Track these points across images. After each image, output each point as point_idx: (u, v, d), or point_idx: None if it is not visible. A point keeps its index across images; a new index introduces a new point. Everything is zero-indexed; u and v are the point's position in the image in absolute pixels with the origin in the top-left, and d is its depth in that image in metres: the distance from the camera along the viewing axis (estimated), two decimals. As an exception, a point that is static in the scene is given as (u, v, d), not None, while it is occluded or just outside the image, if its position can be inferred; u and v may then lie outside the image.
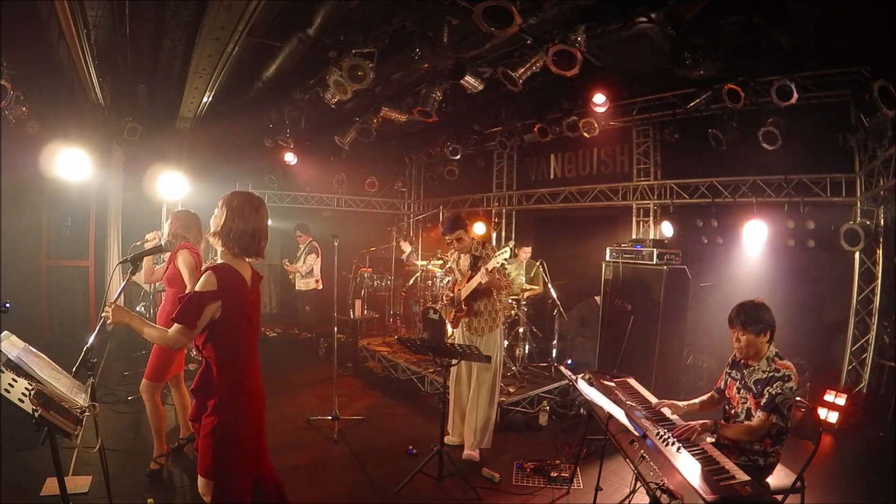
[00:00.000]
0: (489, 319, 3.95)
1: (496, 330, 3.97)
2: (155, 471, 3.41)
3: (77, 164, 5.18)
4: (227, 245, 2.14)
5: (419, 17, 4.19)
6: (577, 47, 3.89)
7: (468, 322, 4.03)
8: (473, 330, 4.00)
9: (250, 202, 2.18)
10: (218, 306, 2.04)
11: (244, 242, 2.15)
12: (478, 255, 3.94)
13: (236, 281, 2.12)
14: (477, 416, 3.93)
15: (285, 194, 9.33)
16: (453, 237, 3.95)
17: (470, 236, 4.04)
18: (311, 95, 5.51)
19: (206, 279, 2.04)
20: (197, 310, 2.00)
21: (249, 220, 2.15)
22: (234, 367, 2.12)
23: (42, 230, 6.76)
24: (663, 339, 4.74)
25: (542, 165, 8.11)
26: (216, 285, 2.03)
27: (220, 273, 2.07)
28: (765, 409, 2.44)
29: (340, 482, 3.58)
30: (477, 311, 3.96)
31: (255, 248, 2.20)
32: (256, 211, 2.18)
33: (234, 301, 2.09)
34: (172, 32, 4.57)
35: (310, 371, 6.21)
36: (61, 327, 6.69)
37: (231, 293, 2.08)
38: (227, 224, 2.12)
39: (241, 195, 2.20)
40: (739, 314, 2.59)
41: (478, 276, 3.77)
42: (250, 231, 2.15)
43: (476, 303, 3.96)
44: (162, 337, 2.09)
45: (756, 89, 4.91)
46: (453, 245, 4.02)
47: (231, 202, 2.16)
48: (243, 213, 2.14)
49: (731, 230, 5.66)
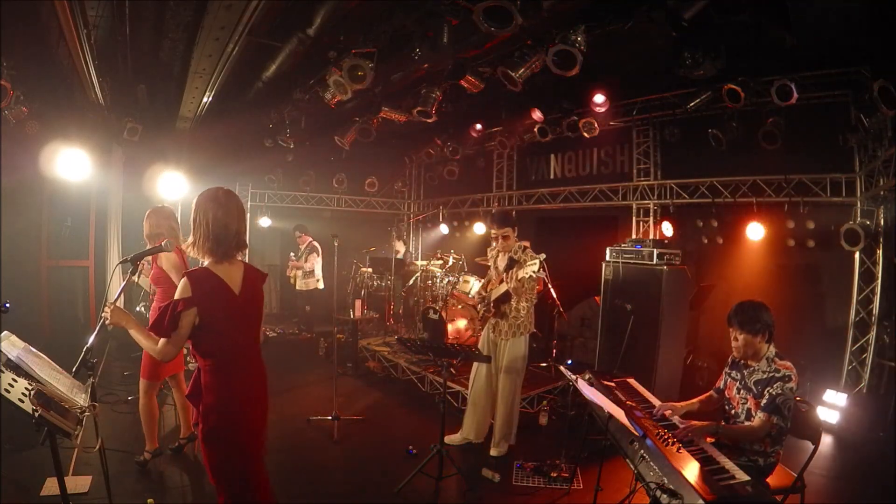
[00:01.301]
0: (514, 325, 3.90)
1: (521, 337, 3.91)
2: (141, 462, 3.46)
3: (77, 164, 5.18)
4: (202, 252, 2.06)
5: (419, 17, 4.19)
6: (577, 47, 3.89)
7: (494, 324, 4.00)
8: (498, 332, 3.97)
9: (216, 200, 2.07)
10: (194, 313, 1.97)
11: (216, 246, 2.05)
12: (516, 258, 3.85)
13: (213, 285, 2.04)
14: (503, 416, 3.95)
15: (285, 194, 9.33)
16: (501, 233, 3.90)
17: (515, 236, 3.99)
18: (311, 95, 5.51)
19: (181, 286, 1.98)
20: (171, 319, 1.94)
21: (218, 221, 2.04)
22: (222, 371, 2.06)
23: (42, 230, 6.76)
24: (663, 339, 4.74)
25: (542, 165, 8.11)
26: (190, 292, 1.97)
27: (193, 279, 2.00)
28: (766, 410, 2.44)
29: (340, 482, 3.58)
30: (503, 314, 3.93)
31: (229, 250, 2.09)
32: (224, 209, 2.06)
33: (213, 306, 2.02)
34: (172, 32, 4.57)
35: (310, 371, 6.21)
36: (61, 327, 6.69)
37: (207, 298, 2.00)
38: (198, 230, 2.04)
39: (206, 195, 2.09)
40: (737, 314, 2.59)
41: (506, 283, 3.74)
42: (219, 232, 2.04)
43: (503, 306, 3.91)
44: (151, 347, 2.04)
45: (756, 89, 4.91)
46: (498, 240, 3.96)
47: (198, 205, 2.06)
48: (210, 215, 2.03)
49: (731, 230, 5.66)
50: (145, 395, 3.43)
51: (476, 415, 4.12)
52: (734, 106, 4.93)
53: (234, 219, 2.09)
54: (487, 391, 4.07)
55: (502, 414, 3.95)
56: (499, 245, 4.00)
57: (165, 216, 3.55)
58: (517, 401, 4.03)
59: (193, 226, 2.06)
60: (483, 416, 4.10)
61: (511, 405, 3.95)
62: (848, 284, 4.89)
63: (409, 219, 10.73)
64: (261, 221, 8.86)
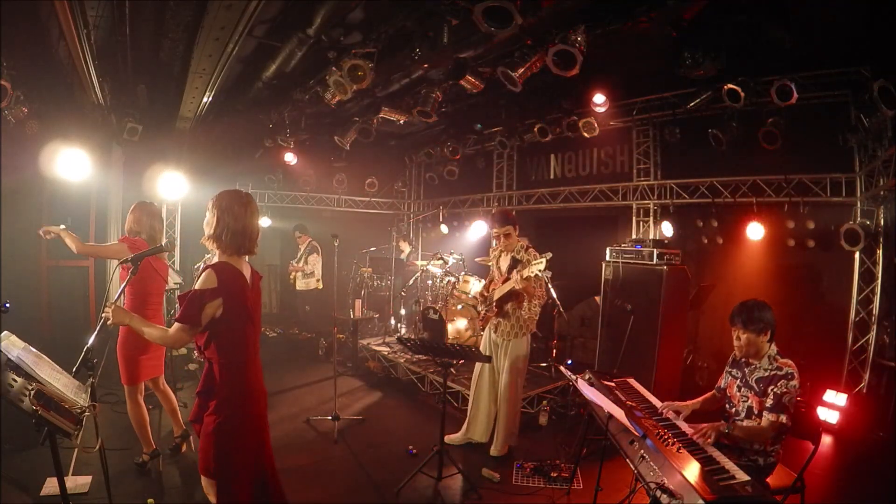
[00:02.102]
0: (516, 325, 3.88)
1: (523, 338, 3.90)
2: (140, 463, 3.47)
3: (77, 164, 5.16)
4: (221, 246, 2.15)
5: (419, 17, 4.19)
6: (577, 47, 3.88)
7: (496, 324, 3.98)
8: (500, 332, 3.94)
9: (239, 200, 2.19)
10: (219, 304, 2.04)
11: (238, 241, 2.16)
12: (518, 257, 3.84)
13: (236, 278, 2.13)
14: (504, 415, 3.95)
15: (285, 194, 9.33)
16: (502, 232, 3.90)
17: (517, 235, 3.98)
18: (311, 95, 5.50)
19: (206, 277, 2.05)
20: (199, 308, 2.01)
21: (240, 219, 2.16)
22: (237, 366, 2.12)
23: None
24: (663, 339, 4.74)
25: (542, 165, 8.11)
26: (216, 283, 2.04)
27: (219, 271, 2.07)
28: (773, 411, 2.45)
29: (340, 482, 3.58)
30: (505, 314, 3.91)
31: (247, 246, 2.20)
32: (246, 208, 2.19)
33: (235, 298, 2.09)
34: (172, 32, 4.57)
35: (310, 371, 6.21)
36: (61, 327, 6.69)
37: (231, 290, 2.08)
38: (220, 225, 2.14)
39: (229, 195, 2.21)
40: (740, 313, 2.61)
41: (512, 280, 3.69)
42: (241, 229, 2.16)
43: (506, 306, 3.90)
44: (162, 336, 2.10)
45: (756, 89, 4.90)
46: (499, 240, 3.96)
47: (220, 203, 2.16)
48: (234, 212, 2.15)
49: (731, 230, 5.66)
50: (130, 401, 3.43)
51: (480, 415, 4.12)
52: (734, 106, 4.93)
53: (256, 219, 2.24)
54: (490, 391, 4.06)
55: (505, 414, 3.94)
56: (500, 244, 4.00)
57: (149, 214, 3.55)
58: (519, 401, 4.03)
59: (216, 222, 2.14)
60: (487, 416, 4.10)
61: (514, 405, 3.95)
62: (848, 284, 4.89)
63: (409, 219, 10.73)
64: (261, 221, 8.84)
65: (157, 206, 3.70)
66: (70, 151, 5.16)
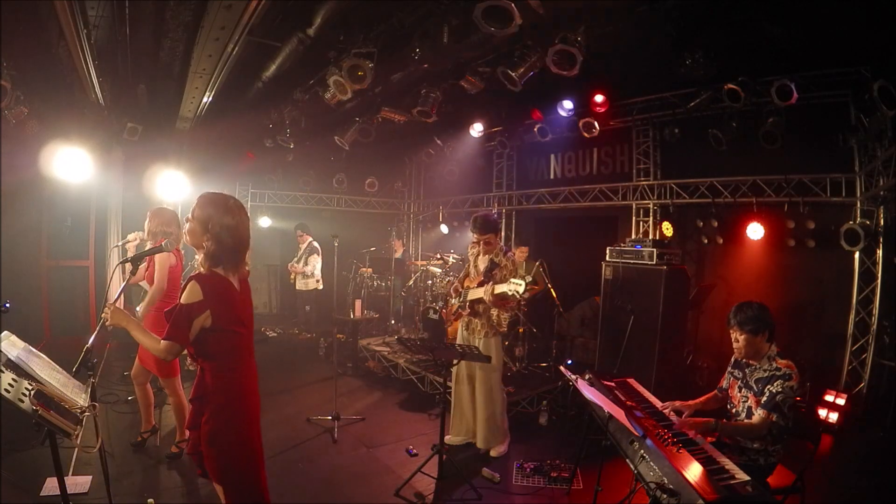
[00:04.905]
0: (486, 325, 3.92)
1: (493, 337, 3.93)
2: (139, 441, 3.67)
3: (77, 164, 5.17)
4: (218, 265, 2.06)
5: (419, 16, 4.19)
6: (577, 47, 3.89)
7: (467, 322, 4.02)
8: (471, 330, 4.00)
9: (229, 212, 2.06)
10: (207, 315, 1.99)
11: (236, 259, 2.10)
12: (497, 261, 3.81)
13: (222, 286, 2.06)
14: (482, 415, 3.94)
15: (285, 194, 9.33)
16: (483, 239, 3.88)
17: (498, 241, 3.97)
18: (311, 95, 5.50)
19: (190, 290, 1.98)
20: (186, 324, 1.96)
21: (234, 233, 2.06)
22: (230, 371, 2.09)
23: (42, 230, 6.76)
24: (663, 339, 4.74)
25: (542, 165, 8.10)
26: (202, 295, 1.98)
27: (203, 282, 2.00)
28: (765, 408, 2.46)
29: (340, 482, 3.57)
30: (477, 313, 3.95)
31: (242, 257, 2.13)
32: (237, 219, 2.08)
33: (223, 305, 2.04)
34: (172, 32, 4.57)
35: (310, 371, 6.21)
36: (61, 327, 6.69)
37: (218, 299, 2.02)
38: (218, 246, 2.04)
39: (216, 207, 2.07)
40: (737, 315, 2.62)
41: (483, 291, 3.67)
42: (237, 245, 2.08)
43: (478, 306, 3.92)
44: (154, 347, 2.04)
45: (756, 89, 4.90)
46: (479, 244, 3.95)
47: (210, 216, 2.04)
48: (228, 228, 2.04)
49: (731, 230, 5.65)
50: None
51: (464, 416, 4.12)
52: (734, 106, 4.93)
53: (247, 230, 2.15)
54: (469, 391, 4.06)
55: (483, 412, 3.94)
56: (480, 248, 3.99)
57: (168, 220, 3.59)
58: (498, 398, 4.00)
59: (213, 243, 2.03)
60: (471, 416, 4.09)
61: (491, 402, 3.94)
62: (848, 284, 4.88)
63: (409, 219, 10.73)
64: (261, 221, 8.86)
65: (173, 211, 3.75)
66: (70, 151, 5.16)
